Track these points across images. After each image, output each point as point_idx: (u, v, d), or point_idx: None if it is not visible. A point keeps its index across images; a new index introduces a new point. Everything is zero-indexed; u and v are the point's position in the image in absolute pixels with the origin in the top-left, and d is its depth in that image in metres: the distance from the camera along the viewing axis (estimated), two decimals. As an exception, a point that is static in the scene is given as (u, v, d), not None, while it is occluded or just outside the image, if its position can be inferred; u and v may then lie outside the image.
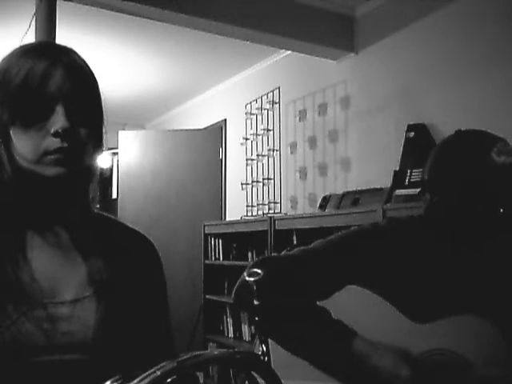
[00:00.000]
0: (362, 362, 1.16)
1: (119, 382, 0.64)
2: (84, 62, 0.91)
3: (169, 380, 0.61)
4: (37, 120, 0.84)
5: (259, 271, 1.26)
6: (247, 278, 1.19)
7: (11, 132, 0.85)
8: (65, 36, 2.96)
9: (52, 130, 0.84)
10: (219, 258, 4.40)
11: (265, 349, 1.12)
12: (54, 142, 0.84)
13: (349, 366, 1.18)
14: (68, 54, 0.89)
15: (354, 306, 1.27)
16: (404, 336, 1.22)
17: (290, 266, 1.28)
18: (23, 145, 0.85)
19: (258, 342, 1.29)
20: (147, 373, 0.60)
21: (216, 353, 0.66)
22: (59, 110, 0.84)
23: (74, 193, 0.92)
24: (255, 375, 0.68)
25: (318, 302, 1.26)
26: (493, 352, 1.19)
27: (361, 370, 1.17)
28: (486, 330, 1.19)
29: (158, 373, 0.60)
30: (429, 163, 1.33)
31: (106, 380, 0.65)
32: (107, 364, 0.83)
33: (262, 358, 1.07)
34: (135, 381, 0.60)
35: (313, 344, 1.22)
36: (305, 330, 1.23)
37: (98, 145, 0.91)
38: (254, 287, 1.19)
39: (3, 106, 0.85)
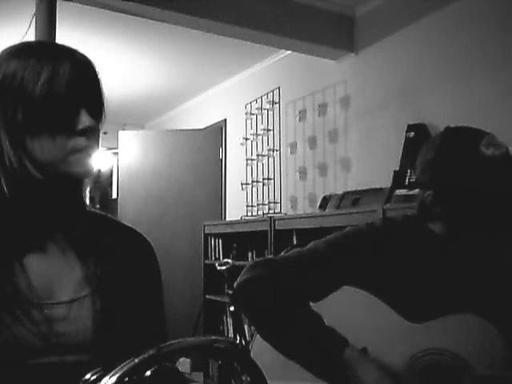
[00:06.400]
0: (347, 374, 1.17)
1: (99, 373, 0.64)
2: (90, 59, 0.92)
3: (149, 373, 0.61)
4: (64, 123, 0.84)
5: (254, 273, 1.27)
6: (218, 268, 1.19)
7: (28, 135, 0.84)
8: (65, 36, 2.96)
9: (78, 128, 0.84)
10: (219, 258, 4.39)
11: (243, 340, 1.12)
12: (80, 141, 0.85)
13: (335, 375, 1.18)
14: (74, 52, 0.89)
15: (351, 307, 1.27)
16: (401, 336, 1.22)
17: (286, 268, 1.28)
18: (44, 146, 0.84)
19: (255, 339, 1.29)
20: (127, 361, 0.60)
21: (195, 340, 0.66)
22: (83, 110, 0.85)
23: (81, 192, 0.92)
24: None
25: (315, 304, 1.26)
26: (491, 351, 1.19)
27: (346, 381, 1.17)
28: (484, 329, 1.19)
29: (137, 360, 0.61)
30: (418, 161, 1.33)
31: None
32: (106, 363, 0.83)
33: (241, 346, 1.07)
34: (115, 370, 0.60)
35: (303, 350, 1.22)
36: (296, 336, 1.23)
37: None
38: (226, 274, 1.21)
39: (19, 110, 0.83)
